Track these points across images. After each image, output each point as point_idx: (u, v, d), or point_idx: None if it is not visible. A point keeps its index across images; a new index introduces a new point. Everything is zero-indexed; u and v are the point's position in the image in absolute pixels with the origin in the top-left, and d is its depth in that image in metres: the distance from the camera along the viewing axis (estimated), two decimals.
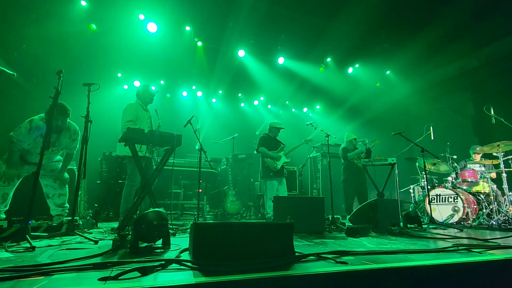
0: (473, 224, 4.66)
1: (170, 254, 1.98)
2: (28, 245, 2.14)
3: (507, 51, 6.81)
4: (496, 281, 1.83)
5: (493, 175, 5.23)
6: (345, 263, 1.68)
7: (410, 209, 5.61)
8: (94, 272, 1.46)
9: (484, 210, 4.81)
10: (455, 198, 4.89)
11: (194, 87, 9.36)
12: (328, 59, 8.53)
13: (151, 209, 2.22)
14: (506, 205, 4.67)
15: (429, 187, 5.16)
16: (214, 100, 9.88)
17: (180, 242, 2.43)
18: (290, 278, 1.41)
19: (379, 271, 1.57)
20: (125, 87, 8.51)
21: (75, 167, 4.14)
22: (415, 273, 1.65)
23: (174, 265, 1.59)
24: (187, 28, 7.14)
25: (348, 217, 4.44)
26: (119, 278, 1.34)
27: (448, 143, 5.77)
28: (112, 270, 1.48)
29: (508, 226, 4.33)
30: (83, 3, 6.09)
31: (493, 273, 1.84)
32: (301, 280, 1.42)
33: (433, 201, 5.16)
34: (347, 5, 6.50)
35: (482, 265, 1.82)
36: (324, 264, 1.68)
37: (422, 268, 1.66)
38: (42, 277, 1.37)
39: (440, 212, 4.98)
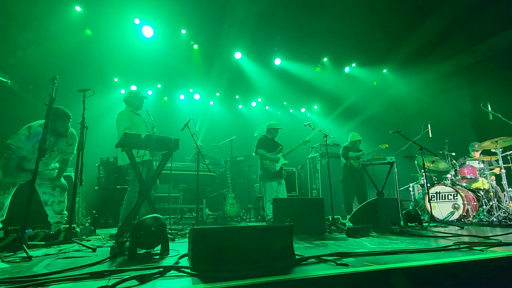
0: (474, 221, 4.66)
1: (168, 260, 1.95)
2: (24, 254, 2.11)
3: (502, 47, 6.82)
4: (499, 278, 1.81)
5: (497, 170, 5.20)
6: (346, 265, 1.66)
7: (410, 208, 5.60)
8: (92, 281, 1.44)
9: (484, 207, 4.80)
10: (455, 195, 4.88)
11: (191, 90, 9.33)
12: (325, 59, 8.53)
13: (149, 215, 2.20)
14: (506, 201, 4.66)
15: (428, 185, 5.15)
16: (211, 102, 9.85)
17: (179, 247, 2.41)
18: (290, 282, 1.40)
19: (380, 272, 1.55)
20: (122, 91, 8.48)
21: (72, 174, 4.11)
22: (417, 273, 1.63)
23: (172, 272, 1.57)
24: (183, 31, 7.13)
25: (348, 217, 4.42)
26: (117, 287, 1.32)
27: (447, 140, 5.75)
28: (110, 279, 1.45)
29: (509, 222, 4.32)
30: (78, 8, 6.06)
31: (495, 270, 1.82)
32: (301, 284, 1.41)
33: (433, 199, 5.15)
34: (342, 5, 6.51)
35: (484, 263, 1.80)
36: (325, 267, 1.66)
37: (424, 268, 1.65)
38: None
39: (440, 210, 4.97)
